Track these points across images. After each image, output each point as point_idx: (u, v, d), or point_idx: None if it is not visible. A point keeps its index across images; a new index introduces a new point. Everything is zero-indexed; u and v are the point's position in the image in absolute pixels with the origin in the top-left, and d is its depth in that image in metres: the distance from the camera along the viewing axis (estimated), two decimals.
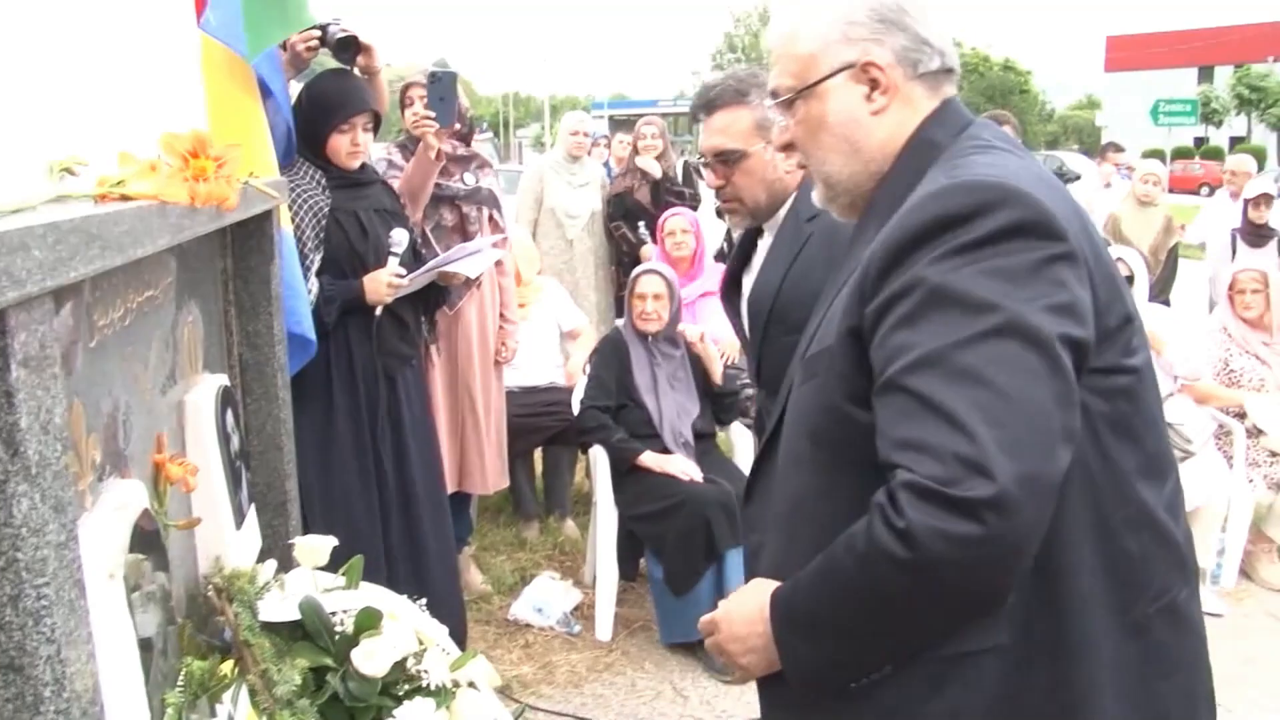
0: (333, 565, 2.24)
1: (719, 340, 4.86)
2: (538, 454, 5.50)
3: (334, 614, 2.06)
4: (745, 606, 1.54)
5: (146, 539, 1.63)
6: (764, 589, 1.51)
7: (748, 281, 2.73)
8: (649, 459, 4.32)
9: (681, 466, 4.30)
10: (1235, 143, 44.90)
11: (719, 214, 7.00)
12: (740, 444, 4.90)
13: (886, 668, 1.43)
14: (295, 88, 3.46)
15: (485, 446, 4.55)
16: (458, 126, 4.06)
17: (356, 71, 3.55)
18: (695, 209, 6.38)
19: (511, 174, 10.58)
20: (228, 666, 1.82)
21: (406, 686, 2.04)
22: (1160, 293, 7.06)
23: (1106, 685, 1.42)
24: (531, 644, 4.31)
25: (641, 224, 6.31)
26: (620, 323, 4.80)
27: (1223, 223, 7.87)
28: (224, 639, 1.99)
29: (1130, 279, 4.97)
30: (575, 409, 4.79)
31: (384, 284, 3.47)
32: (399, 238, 3.55)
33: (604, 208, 6.57)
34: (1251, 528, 4.98)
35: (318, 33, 3.36)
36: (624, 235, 6.44)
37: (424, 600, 2.32)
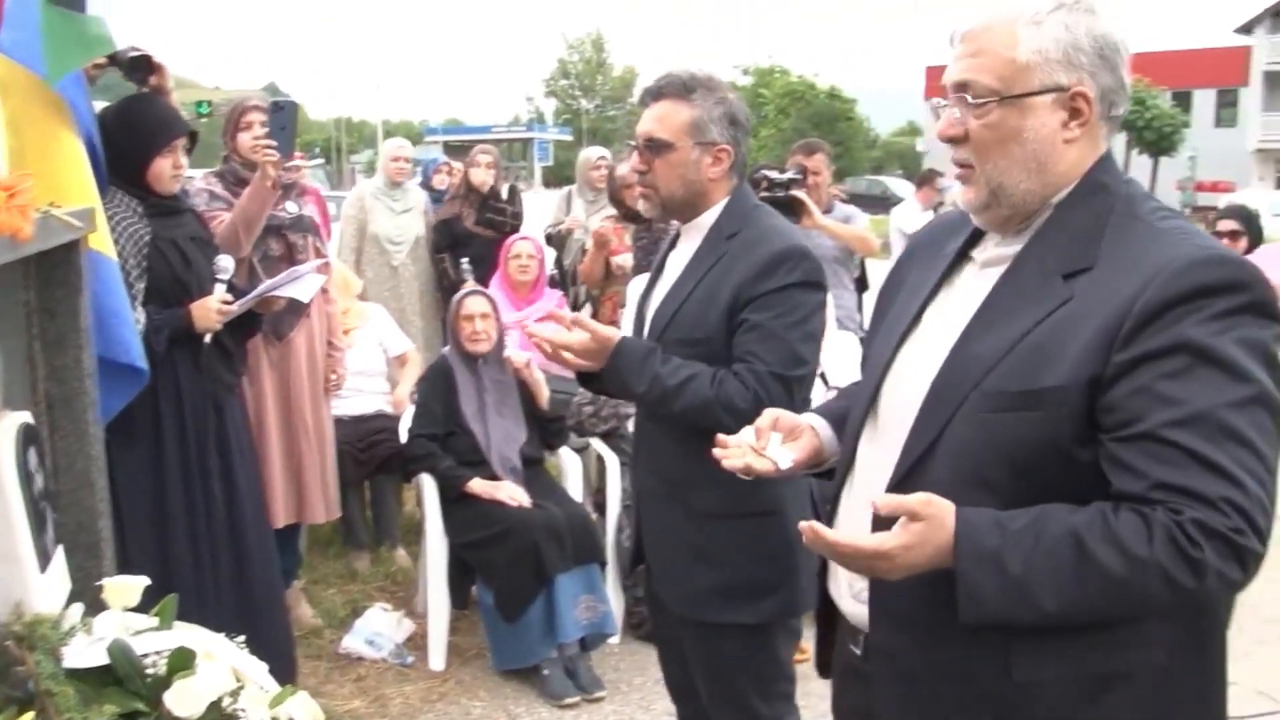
0: (150, 605, 2.17)
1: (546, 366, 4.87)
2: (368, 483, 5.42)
3: (146, 656, 2.00)
4: (918, 550, 1.51)
5: None
6: (939, 531, 1.50)
7: (660, 289, 2.76)
8: (477, 486, 4.32)
9: (509, 493, 4.31)
10: None
11: (548, 240, 6.96)
12: (570, 468, 4.92)
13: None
14: None
15: (325, 475, 4.49)
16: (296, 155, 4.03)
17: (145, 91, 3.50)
18: (516, 230, 6.38)
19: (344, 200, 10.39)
20: (27, 719, 1.75)
21: None
22: None
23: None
24: (364, 677, 4.25)
25: (465, 260, 6.22)
26: (446, 350, 4.79)
27: None
28: (27, 690, 1.91)
29: None
30: (403, 437, 4.75)
31: (213, 311, 3.42)
32: (225, 264, 3.50)
33: (429, 234, 6.53)
34: None
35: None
36: (445, 270, 6.41)
37: (244, 637, 2.27)
